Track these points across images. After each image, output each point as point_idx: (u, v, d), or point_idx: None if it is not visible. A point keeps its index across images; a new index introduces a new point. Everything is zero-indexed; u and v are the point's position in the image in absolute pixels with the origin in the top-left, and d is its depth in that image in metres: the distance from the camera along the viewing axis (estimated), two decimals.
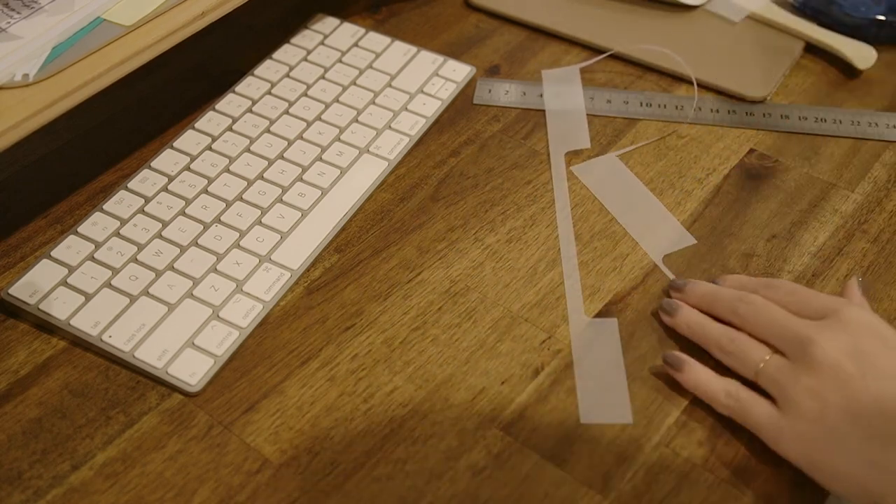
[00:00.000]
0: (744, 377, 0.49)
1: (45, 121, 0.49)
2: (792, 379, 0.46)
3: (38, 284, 0.53)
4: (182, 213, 0.57)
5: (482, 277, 0.56)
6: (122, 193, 0.58)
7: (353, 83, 0.67)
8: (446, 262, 0.57)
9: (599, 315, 0.54)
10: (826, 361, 0.45)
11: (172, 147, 0.61)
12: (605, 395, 0.50)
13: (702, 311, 0.52)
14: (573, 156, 0.62)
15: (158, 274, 0.54)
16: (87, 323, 0.52)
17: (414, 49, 0.70)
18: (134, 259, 0.55)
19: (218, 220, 0.57)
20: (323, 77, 0.67)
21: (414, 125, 0.64)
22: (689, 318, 0.52)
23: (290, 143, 0.62)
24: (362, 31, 0.71)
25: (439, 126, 0.65)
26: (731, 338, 0.50)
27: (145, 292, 0.53)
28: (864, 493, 0.43)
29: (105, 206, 0.57)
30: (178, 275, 0.54)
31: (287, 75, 0.67)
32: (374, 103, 0.65)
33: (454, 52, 0.71)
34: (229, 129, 0.63)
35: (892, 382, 0.44)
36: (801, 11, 0.73)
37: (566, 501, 0.46)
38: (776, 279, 0.53)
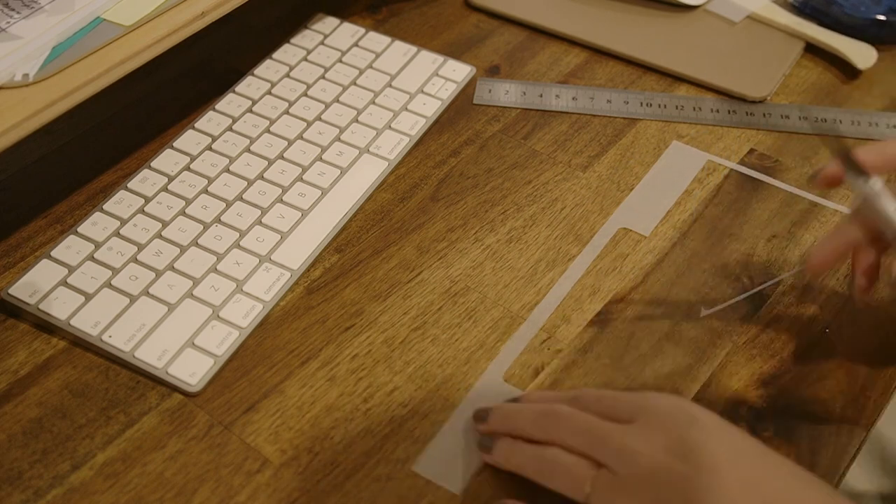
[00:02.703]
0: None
1: (45, 121, 0.49)
2: (629, 496, 0.41)
3: (38, 284, 0.53)
4: (182, 213, 0.57)
5: (482, 277, 0.56)
6: (122, 193, 0.58)
7: (353, 83, 0.67)
8: (446, 262, 0.57)
9: (600, 314, 0.54)
10: (655, 468, 0.41)
11: (172, 147, 0.61)
12: (455, 457, 0.48)
13: (513, 437, 0.46)
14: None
15: (158, 274, 0.54)
16: (87, 323, 0.52)
17: (414, 49, 0.70)
18: (134, 259, 0.55)
19: (218, 220, 0.57)
20: (323, 77, 0.67)
21: (414, 125, 0.64)
22: (504, 450, 0.46)
23: (290, 143, 0.62)
24: (362, 31, 0.71)
25: (439, 126, 0.65)
26: (543, 457, 0.44)
27: (145, 292, 0.53)
28: None
29: (105, 206, 0.57)
30: (178, 275, 0.54)
31: (287, 75, 0.67)
32: (374, 103, 0.65)
33: (454, 52, 0.71)
34: (229, 129, 0.63)
35: (727, 468, 0.40)
36: (801, 11, 0.73)
37: (566, 501, 0.46)
38: (582, 390, 0.48)
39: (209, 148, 0.61)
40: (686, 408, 0.43)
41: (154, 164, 0.60)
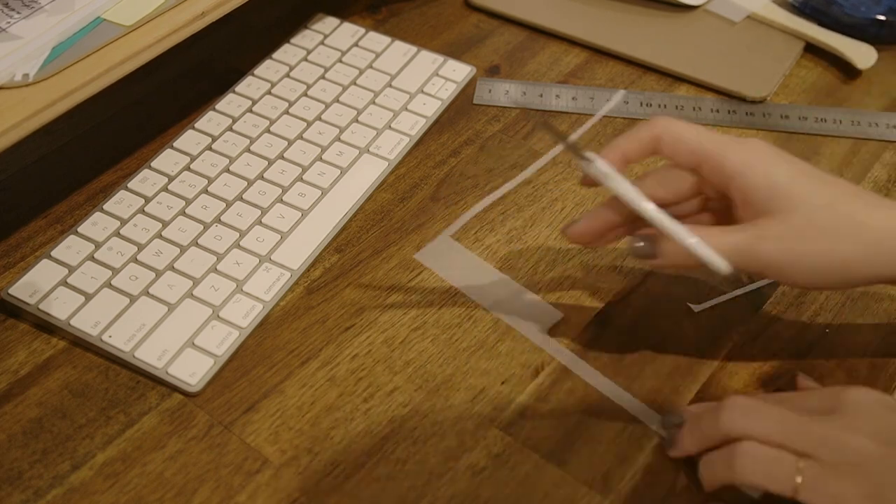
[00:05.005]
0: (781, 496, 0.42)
1: (45, 121, 0.49)
2: (842, 483, 0.41)
3: (38, 284, 0.53)
4: (182, 213, 0.57)
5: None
6: (122, 193, 0.58)
7: (353, 83, 0.67)
8: None
9: (600, 314, 0.54)
10: (867, 454, 0.41)
11: (172, 147, 0.61)
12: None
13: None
14: (421, 243, 0.58)
15: (158, 274, 0.54)
16: (87, 323, 0.52)
17: (414, 49, 0.70)
18: (134, 259, 0.55)
19: (218, 220, 0.57)
20: (323, 77, 0.67)
21: (414, 125, 0.64)
22: (690, 443, 0.46)
23: (291, 143, 0.62)
24: (362, 31, 0.71)
25: (439, 126, 0.65)
26: (737, 451, 0.43)
27: (145, 292, 0.53)
28: None
29: (105, 206, 0.57)
30: (178, 275, 0.54)
31: (287, 75, 0.67)
32: (374, 103, 0.65)
33: (454, 52, 0.71)
34: (229, 129, 0.63)
35: None
36: (801, 11, 0.73)
37: (566, 501, 0.46)
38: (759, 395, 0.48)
39: (209, 148, 0.61)
40: (886, 398, 0.43)
41: (154, 164, 0.60)
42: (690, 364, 0.52)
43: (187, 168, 0.60)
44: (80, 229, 0.56)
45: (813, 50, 0.72)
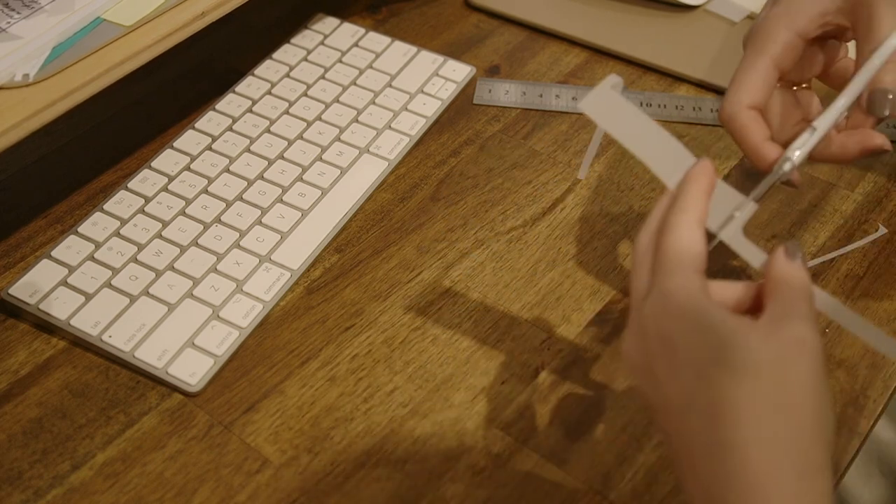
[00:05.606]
0: None
1: (45, 121, 0.49)
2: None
3: (38, 284, 0.53)
4: (182, 213, 0.57)
5: (482, 277, 0.56)
6: (122, 193, 0.58)
7: (353, 83, 0.67)
8: (446, 262, 0.57)
9: (599, 315, 0.54)
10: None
11: (172, 147, 0.61)
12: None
13: None
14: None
15: (158, 274, 0.54)
16: (87, 323, 0.52)
17: (414, 49, 0.70)
18: (134, 259, 0.55)
19: (218, 220, 0.57)
20: (323, 77, 0.67)
21: (414, 125, 0.64)
22: None
23: (291, 143, 0.62)
24: (362, 31, 0.71)
25: (439, 126, 0.65)
26: None
27: (145, 292, 0.53)
28: None
29: (105, 206, 0.57)
30: (178, 275, 0.54)
31: (287, 75, 0.67)
32: (374, 103, 0.65)
33: (454, 52, 0.71)
34: (229, 129, 0.63)
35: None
36: None
37: (566, 501, 0.46)
38: None
39: (209, 148, 0.61)
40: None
41: (154, 164, 0.60)
42: None
43: (187, 168, 0.60)
44: (80, 229, 0.56)
45: None
